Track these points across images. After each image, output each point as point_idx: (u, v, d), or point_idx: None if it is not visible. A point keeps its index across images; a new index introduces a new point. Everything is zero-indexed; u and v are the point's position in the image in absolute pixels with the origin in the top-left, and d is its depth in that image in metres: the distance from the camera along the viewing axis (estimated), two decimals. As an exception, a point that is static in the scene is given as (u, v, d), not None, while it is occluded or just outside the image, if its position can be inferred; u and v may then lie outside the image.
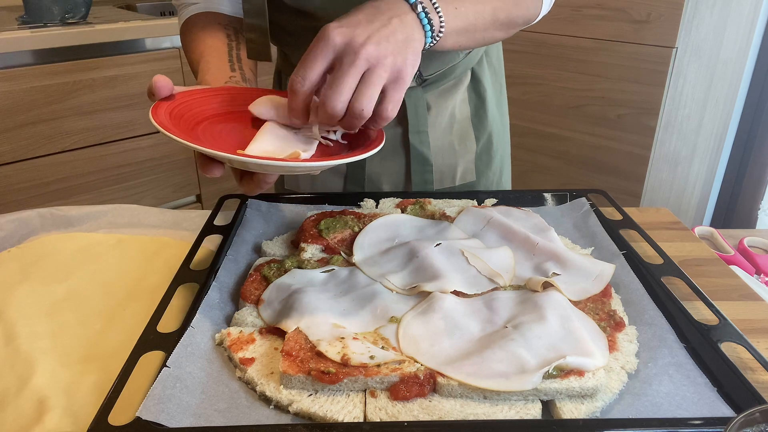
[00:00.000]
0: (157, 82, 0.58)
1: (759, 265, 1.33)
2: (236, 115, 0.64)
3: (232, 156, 0.51)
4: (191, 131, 0.59)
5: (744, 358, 0.54)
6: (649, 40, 1.67)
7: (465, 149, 0.90)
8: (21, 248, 0.73)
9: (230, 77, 0.71)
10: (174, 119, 0.57)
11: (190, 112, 0.60)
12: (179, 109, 0.59)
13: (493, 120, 0.92)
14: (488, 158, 0.94)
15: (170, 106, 0.58)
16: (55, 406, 0.49)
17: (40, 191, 1.60)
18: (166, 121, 0.55)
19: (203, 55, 0.75)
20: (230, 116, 0.64)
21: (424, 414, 0.47)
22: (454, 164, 0.90)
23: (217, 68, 0.72)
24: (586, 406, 0.48)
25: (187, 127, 0.58)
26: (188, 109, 0.60)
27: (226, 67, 0.72)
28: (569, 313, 0.56)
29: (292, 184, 0.95)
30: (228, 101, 0.65)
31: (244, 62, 0.75)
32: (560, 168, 1.98)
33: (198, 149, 0.51)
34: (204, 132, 0.60)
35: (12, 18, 1.64)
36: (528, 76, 1.94)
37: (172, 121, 0.57)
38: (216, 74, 0.71)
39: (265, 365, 0.52)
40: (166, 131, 0.52)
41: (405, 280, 0.62)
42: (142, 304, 0.64)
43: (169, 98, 0.59)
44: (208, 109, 0.63)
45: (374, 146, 0.58)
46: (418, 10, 0.57)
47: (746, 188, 2.22)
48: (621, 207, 0.79)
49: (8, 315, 0.61)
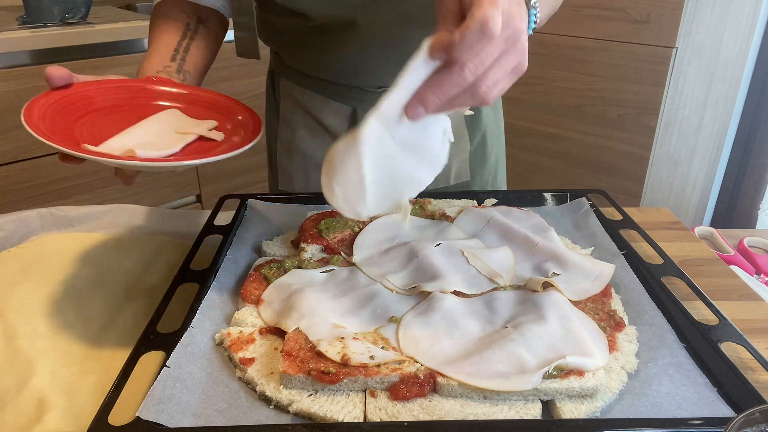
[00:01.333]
0: (51, 72, 0.60)
1: (759, 265, 1.33)
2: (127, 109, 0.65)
3: (70, 151, 0.52)
4: (74, 122, 0.60)
5: (744, 358, 0.54)
6: (649, 40, 1.67)
7: (459, 149, 0.90)
8: (21, 248, 0.73)
9: (165, 67, 0.72)
10: (57, 109, 0.59)
11: (78, 102, 0.62)
12: (68, 99, 0.61)
13: (487, 120, 0.92)
14: (483, 158, 0.93)
15: (57, 95, 0.60)
16: (55, 406, 0.49)
17: (40, 191, 1.60)
18: (39, 112, 0.57)
19: (153, 41, 0.77)
20: (120, 109, 0.65)
21: (424, 414, 0.47)
22: (449, 164, 0.90)
23: (158, 57, 0.74)
24: (586, 406, 0.48)
25: (71, 118, 0.60)
26: (77, 100, 0.62)
27: (167, 57, 0.74)
28: (569, 313, 0.56)
29: (286, 184, 0.95)
30: (124, 95, 0.66)
31: (191, 53, 0.76)
32: (560, 168, 1.98)
33: (44, 142, 0.52)
34: (89, 123, 0.61)
35: (12, 18, 1.64)
36: (528, 76, 1.92)
37: (56, 111, 0.58)
38: (154, 62, 0.73)
39: (265, 365, 0.52)
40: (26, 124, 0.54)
41: (405, 280, 0.62)
42: (142, 304, 0.64)
43: (66, 87, 0.61)
44: (100, 101, 0.64)
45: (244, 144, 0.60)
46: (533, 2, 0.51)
47: (746, 188, 2.22)
48: (621, 207, 0.79)
49: (8, 315, 0.61)
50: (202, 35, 0.79)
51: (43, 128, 0.54)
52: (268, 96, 0.98)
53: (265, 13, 0.82)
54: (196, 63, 0.77)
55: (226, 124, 0.66)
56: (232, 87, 1.80)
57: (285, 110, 0.91)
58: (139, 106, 0.65)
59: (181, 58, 0.75)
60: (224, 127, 0.66)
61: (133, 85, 0.67)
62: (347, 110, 0.86)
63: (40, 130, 0.54)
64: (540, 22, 0.57)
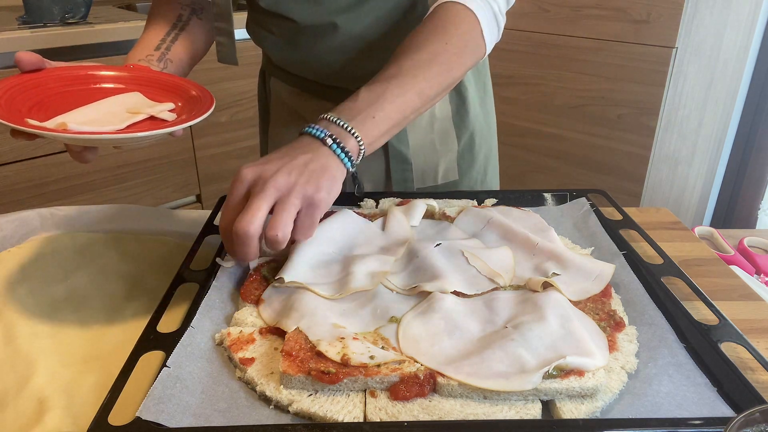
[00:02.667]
0: (20, 57, 0.63)
1: (759, 265, 1.33)
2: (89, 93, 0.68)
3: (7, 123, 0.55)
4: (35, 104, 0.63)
5: (744, 358, 0.54)
6: (649, 40, 1.67)
7: (446, 148, 0.90)
8: (21, 248, 0.73)
9: (147, 56, 0.74)
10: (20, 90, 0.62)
11: (43, 86, 0.65)
12: (34, 83, 0.64)
13: (476, 119, 0.92)
14: (471, 157, 0.93)
15: (25, 78, 0.64)
16: (55, 406, 0.49)
17: (40, 191, 1.60)
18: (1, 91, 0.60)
19: (144, 31, 0.79)
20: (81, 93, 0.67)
21: (424, 414, 0.47)
22: (436, 163, 0.90)
23: (143, 45, 0.76)
24: (586, 406, 0.48)
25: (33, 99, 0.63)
26: (42, 83, 0.65)
27: (151, 46, 0.76)
28: (569, 313, 0.56)
29: None
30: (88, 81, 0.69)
31: (177, 44, 0.78)
32: (560, 168, 1.98)
33: None
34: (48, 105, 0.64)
35: (12, 18, 1.64)
36: (528, 76, 1.94)
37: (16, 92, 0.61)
38: (138, 50, 0.75)
39: (265, 365, 0.52)
40: None
41: (405, 280, 0.62)
42: (142, 304, 0.64)
43: (35, 71, 0.65)
44: (62, 85, 0.67)
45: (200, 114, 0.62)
46: (329, 143, 0.60)
47: (746, 188, 2.22)
48: (621, 207, 0.79)
49: (8, 315, 0.61)
50: (194, 27, 0.80)
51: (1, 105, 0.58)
52: (260, 95, 0.98)
53: (254, 14, 0.83)
54: (181, 53, 0.78)
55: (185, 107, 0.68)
56: (231, 87, 1.80)
57: (275, 109, 0.91)
58: (100, 90, 0.68)
59: (166, 48, 0.76)
60: (182, 109, 0.68)
61: (100, 73, 0.70)
62: None
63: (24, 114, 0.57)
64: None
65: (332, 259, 0.65)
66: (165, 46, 0.76)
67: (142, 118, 0.64)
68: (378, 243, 0.69)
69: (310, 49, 0.80)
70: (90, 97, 0.66)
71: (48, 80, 0.66)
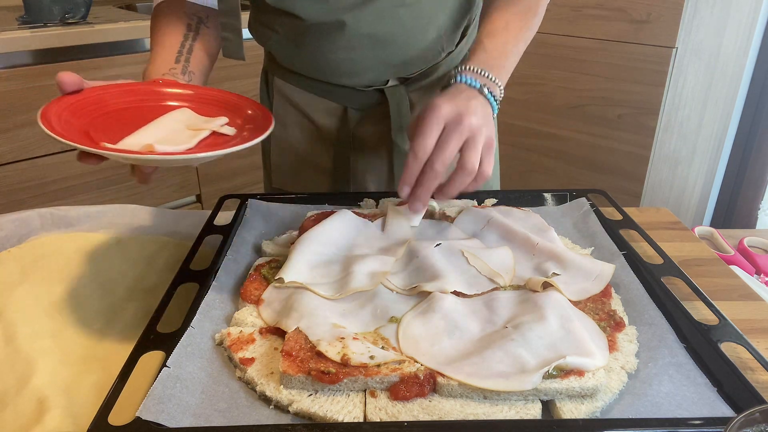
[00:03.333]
0: (62, 78, 0.61)
1: (759, 265, 1.33)
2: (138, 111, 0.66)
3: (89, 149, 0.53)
4: (88, 124, 0.61)
5: (744, 358, 0.54)
6: (649, 40, 1.67)
7: None
8: (21, 248, 0.73)
9: (170, 69, 0.73)
10: (71, 112, 0.60)
11: (91, 106, 0.63)
12: (81, 103, 0.62)
13: None
14: None
15: (71, 99, 0.62)
16: (55, 406, 0.49)
17: (40, 191, 1.60)
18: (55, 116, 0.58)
19: (155, 44, 0.77)
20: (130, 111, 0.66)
21: (424, 414, 0.47)
22: None
23: (162, 59, 0.74)
24: (586, 406, 0.48)
25: (84, 120, 0.61)
26: (89, 104, 0.63)
27: (171, 59, 0.75)
28: (569, 313, 0.56)
29: (278, 182, 0.96)
30: (133, 97, 0.67)
31: (194, 54, 0.77)
32: (560, 168, 1.98)
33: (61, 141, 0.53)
34: (102, 125, 0.62)
35: (12, 18, 1.64)
36: (528, 76, 1.94)
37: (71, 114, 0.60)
38: (158, 64, 0.74)
39: (265, 365, 0.52)
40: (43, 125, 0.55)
41: (405, 280, 0.62)
42: (142, 304, 0.64)
43: (76, 93, 0.62)
44: (111, 104, 0.65)
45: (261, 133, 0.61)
46: (485, 93, 0.67)
47: (746, 188, 2.22)
48: (621, 207, 0.79)
49: (8, 315, 0.61)
50: (204, 35, 0.79)
51: (61, 131, 0.56)
52: (262, 95, 0.98)
53: (259, 13, 0.83)
54: (200, 63, 0.77)
55: (236, 120, 0.67)
56: (232, 87, 1.80)
57: (278, 108, 0.91)
58: (148, 108, 0.66)
59: (185, 60, 0.75)
60: (234, 122, 0.67)
61: (142, 88, 0.68)
62: (338, 109, 0.87)
63: (58, 132, 0.54)
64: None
65: (332, 259, 0.65)
66: (184, 59, 0.75)
67: (206, 135, 0.63)
68: (378, 243, 0.69)
69: (316, 47, 0.80)
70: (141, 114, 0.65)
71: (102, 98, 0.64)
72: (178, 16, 0.79)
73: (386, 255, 0.65)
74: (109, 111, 0.64)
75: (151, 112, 0.65)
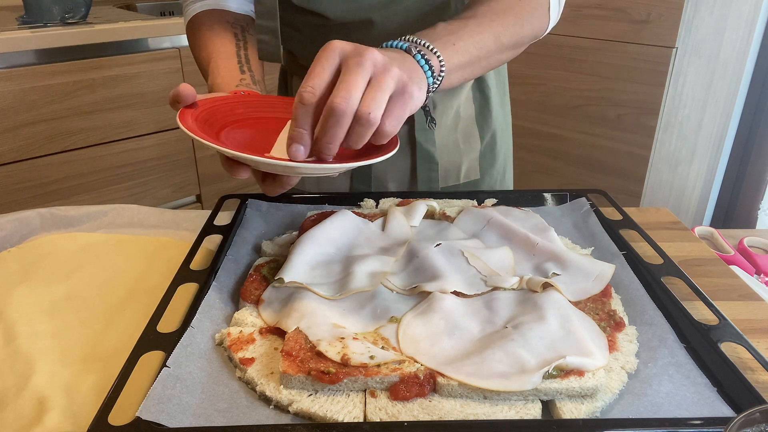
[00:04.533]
0: (183, 91, 0.58)
1: (759, 265, 1.33)
2: (255, 121, 0.65)
3: (260, 158, 0.52)
4: (215, 136, 0.60)
5: (744, 358, 0.54)
6: (649, 40, 1.67)
7: (469, 147, 0.91)
8: (21, 248, 0.73)
9: (240, 80, 0.71)
10: (200, 124, 0.59)
11: (212, 117, 0.62)
12: (203, 116, 0.61)
13: (497, 119, 0.93)
14: (492, 157, 0.94)
15: (194, 113, 0.60)
16: (55, 406, 0.49)
17: (40, 191, 1.60)
18: (193, 126, 0.57)
19: (212, 56, 0.74)
20: (249, 122, 0.65)
21: (424, 414, 0.47)
22: (459, 162, 0.90)
23: (227, 71, 0.72)
24: (586, 406, 0.48)
25: (211, 132, 0.60)
26: (210, 115, 0.62)
27: (235, 70, 0.72)
28: (569, 313, 0.56)
29: (298, 183, 0.95)
30: (248, 108, 0.67)
31: (252, 63, 0.75)
32: (560, 168, 1.98)
33: (227, 152, 0.53)
34: (227, 136, 0.62)
35: (12, 18, 1.65)
36: (528, 76, 1.94)
37: (198, 126, 0.58)
38: (226, 77, 0.71)
39: (265, 365, 0.52)
40: (195, 135, 0.54)
41: (405, 280, 0.62)
42: (142, 304, 0.64)
43: (192, 106, 0.61)
44: (229, 115, 0.64)
45: (392, 147, 0.58)
46: (414, 53, 0.57)
47: (746, 188, 2.22)
48: (621, 207, 0.79)
49: (8, 315, 0.61)
50: (251, 43, 0.78)
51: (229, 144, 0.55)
52: (280, 94, 0.98)
53: (282, 12, 0.82)
54: (259, 72, 0.75)
55: None
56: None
57: None
58: (264, 119, 0.65)
59: (249, 69, 0.73)
60: None
61: (252, 100, 0.67)
62: None
63: (221, 142, 0.54)
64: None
65: (332, 259, 0.65)
66: (246, 68, 0.73)
67: None
68: (378, 243, 0.69)
69: None
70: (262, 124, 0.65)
71: (217, 110, 0.63)
72: (222, 26, 0.77)
73: (386, 255, 0.65)
74: (229, 122, 0.64)
75: (269, 123, 0.65)
